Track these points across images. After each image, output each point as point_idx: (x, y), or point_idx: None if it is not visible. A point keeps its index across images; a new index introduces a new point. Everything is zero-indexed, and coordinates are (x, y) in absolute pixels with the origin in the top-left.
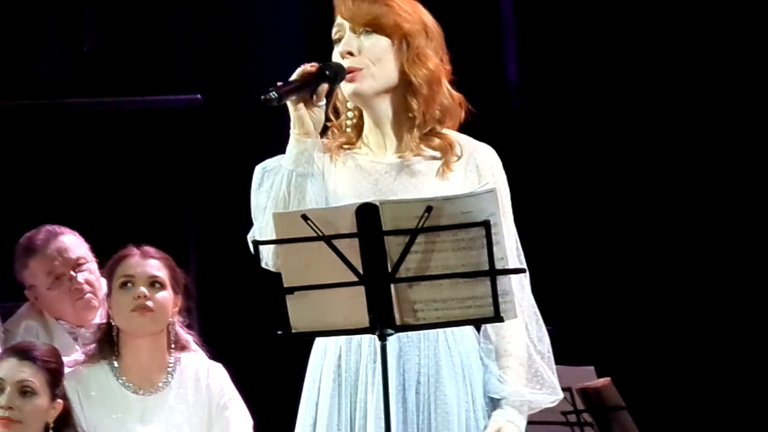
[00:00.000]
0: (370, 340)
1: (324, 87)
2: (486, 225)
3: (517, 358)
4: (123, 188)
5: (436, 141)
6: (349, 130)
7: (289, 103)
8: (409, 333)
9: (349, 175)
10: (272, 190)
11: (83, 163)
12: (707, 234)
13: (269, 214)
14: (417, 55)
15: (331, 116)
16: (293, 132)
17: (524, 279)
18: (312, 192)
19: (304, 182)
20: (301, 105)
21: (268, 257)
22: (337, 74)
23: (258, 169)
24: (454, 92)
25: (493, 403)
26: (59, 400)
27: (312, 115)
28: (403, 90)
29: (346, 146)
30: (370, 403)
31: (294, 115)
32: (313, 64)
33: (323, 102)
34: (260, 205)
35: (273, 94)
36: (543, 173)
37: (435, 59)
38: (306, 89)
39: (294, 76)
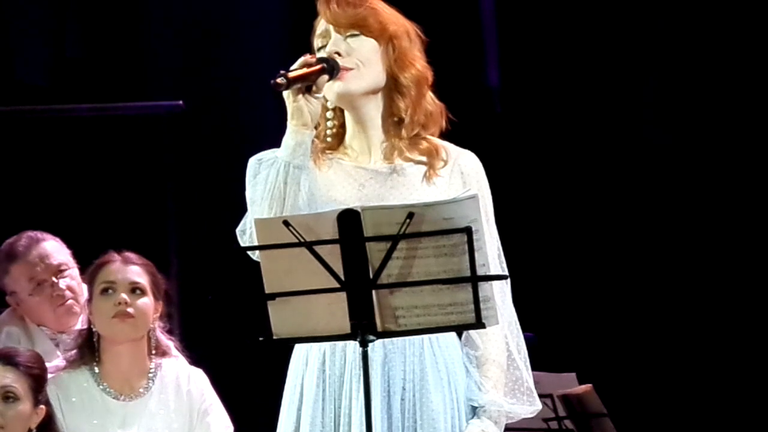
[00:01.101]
0: (355, 346)
1: (324, 78)
2: (468, 231)
3: (498, 365)
4: (104, 194)
5: (423, 145)
6: (329, 139)
7: (286, 95)
8: (394, 340)
9: (335, 180)
10: (268, 182)
11: (64, 170)
12: (688, 240)
13: (261, 207)
14: (404, 56)
15: None
16: (291, 123)
17: (505, 286)
18: (305, 185)
19: (300, 174)
20: (300, 96)
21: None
22: (333, 68)
23: (252, 161)
24: (436, 100)
25: (473, 410)
26: (42, 406)
27: (309, 106)
28: (390, 92)
29: (328, 151)
30: (355, 410)
31: (292, 107)
32: (313, 55)
33: (321, 94)
34: (255, 197)
35: (282, 79)
36: (524, 179)
37: (422, 61)
38: (309, 79)
39: (296, 65)
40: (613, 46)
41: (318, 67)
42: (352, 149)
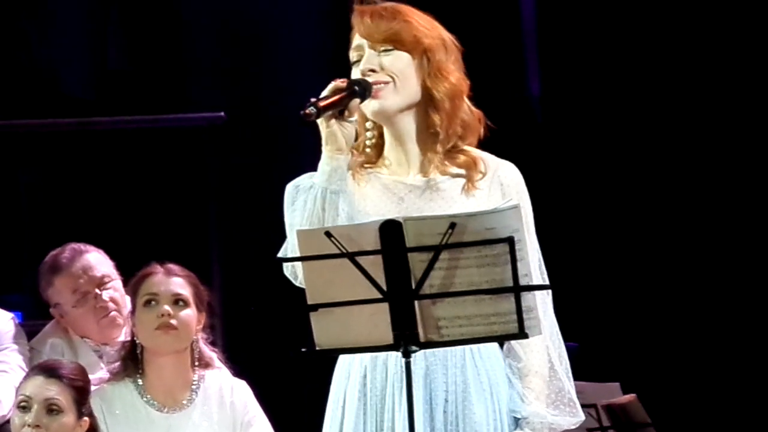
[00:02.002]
0: (396, 359)
1: (356, 102)
2: (510, 241)
3: (540, 376)
4: (147, 206)
5: (461, 158)
6: (369, 150)
7: (320, 121)
8: (436, 351)
9: (373, 195)
10: (306, 208)
11: (107, 181)
12: (736, 249)
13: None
14: (438, 70)
15: None
16: (326, 149)
17: (547, 297)
18: (344, 209)
19: (337, 199)
20: (333, 121)
21: (300, 275)
22: (365, 90)
23: (290, 187)
24: (473, 108)
25: (516, 422)
26: (86, 418)
27: (343, 131)
28: (425, 105)
29: (367, 165)
30: (397, 422)
31: (326, 132)
32: (344, 79)
33: (354, 118)
34: (294, 223)
35: (312, 109)
36: (566, 189)
37: (456, 73)
38: (340, 105)
39: (326, 92)
40: (655, 54)
41: (347, 92)
42: (389, 162)
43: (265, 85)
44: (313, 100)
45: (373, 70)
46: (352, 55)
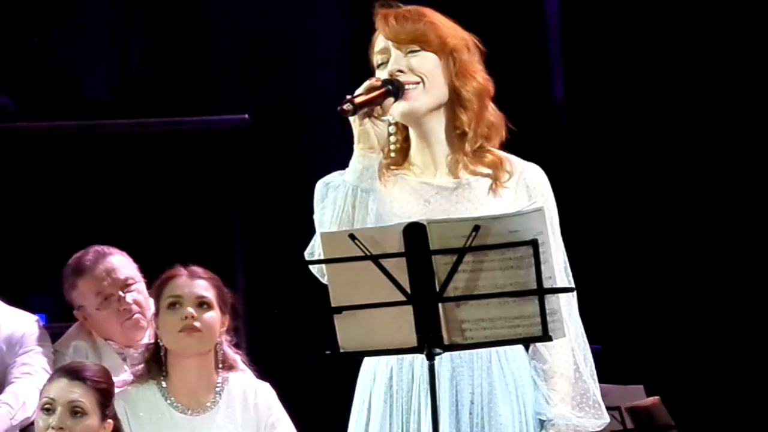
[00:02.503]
0: (422, 361)
1: (389, 101)
2: (534, 244)
3: (566, 378)
4: (171, 208)
5: (488, 157)
6: (393, 154)
7: (353, 119)
8: (462, 354)
9: (400, 196)
10: (336, 206)
11: (131, 184)
12: (763, 253)
13: (330, 231)
14: (465, 69)
15: None
16: (357, 147)
17: (572, 299)
18: (373, 209)
19: (368, 198)
20: (367, 120)
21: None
22: (398, 89)
23: (320, 184)
24: (497, 110)
25: (541, 424)
26: (109, 420)
27: (376, 129)
28: (452, 105)
29: (393, 167)
30: (423, 424)
31: (359, 130)
32: (378, 78)
33: (387, 117)
34: (324, 220)
35: (349, 105)
36: (590, 192)
37: (482, 73)
38: (375, 103)
39: (361, 90)
40: (679, 58)
41: (383, 90)
42: (416, 164)
43: (289, 88)
44: (349, 96)
45: (401, 71)
46: (377, 59)
